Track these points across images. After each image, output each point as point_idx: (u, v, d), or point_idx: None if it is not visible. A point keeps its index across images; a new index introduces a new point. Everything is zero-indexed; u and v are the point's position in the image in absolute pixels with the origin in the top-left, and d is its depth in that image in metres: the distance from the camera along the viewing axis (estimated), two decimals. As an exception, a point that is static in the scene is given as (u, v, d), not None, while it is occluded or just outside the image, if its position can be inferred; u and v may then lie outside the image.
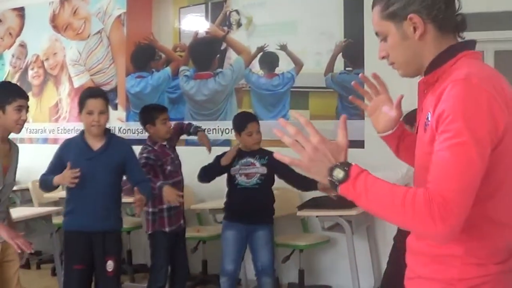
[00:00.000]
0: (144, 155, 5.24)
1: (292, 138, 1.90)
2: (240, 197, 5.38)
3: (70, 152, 4.51)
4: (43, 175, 4.56)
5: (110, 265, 4.55)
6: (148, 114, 5.45)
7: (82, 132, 4.61)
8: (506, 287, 1.97)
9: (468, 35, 2.10)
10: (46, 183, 4.52)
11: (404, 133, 2.47)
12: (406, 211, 1.76)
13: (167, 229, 5.26)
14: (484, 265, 1.92)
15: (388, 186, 1.83)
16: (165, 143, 5.44)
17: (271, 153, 5.26)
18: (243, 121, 5.44)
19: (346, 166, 1.86)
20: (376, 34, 2.15)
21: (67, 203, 4.64)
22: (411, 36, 2.02)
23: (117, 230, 4.77)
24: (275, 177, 5.50)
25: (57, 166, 4.50)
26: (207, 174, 5.45)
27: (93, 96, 4.51)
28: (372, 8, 2.16)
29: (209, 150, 5.45)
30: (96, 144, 4.55)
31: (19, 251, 3.89)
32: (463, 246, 1.91)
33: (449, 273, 1.94)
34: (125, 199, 6.43)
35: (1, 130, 4.00)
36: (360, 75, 2.27)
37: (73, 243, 4.51)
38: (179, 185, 5.33)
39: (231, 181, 5.42)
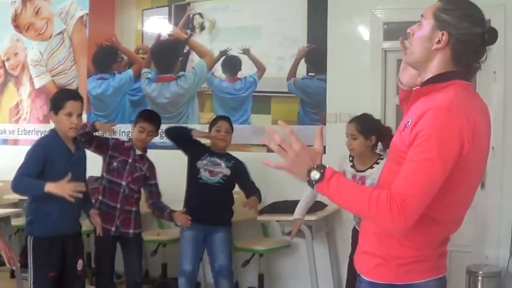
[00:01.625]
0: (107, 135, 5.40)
1: (277, 145, 2.28)
2: (200, 193, 5.40)
3: (53, 153, 4.41)
4: (25, 175, 4.34)
5: (80, 264, 4.56)
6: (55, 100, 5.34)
7: (56, 133, 4.50)
8: (436, 265, 2.41)
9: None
10: (32, 186, 4.32)
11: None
12: (371, 207, 2.15)
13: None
14: (419, 250, 2.34)
15: (357, 186, 2.33)
16: (140, 152, 5.47)
17: (238, 160, 5.60)
18: (216, 119, 5.65)
19: (321, 168, 2.24)
20: (421, 15, 2.45)
21: (36, 209, 4.46)
22: (432, 43, 2.36)
23: (80, 229, 4.79)
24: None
25: (40, 167, 4.35)
26: (175, 131, 5.71)
27: (73, 98, 4.46)
28: None
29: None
30: (72, 147, 4.52)
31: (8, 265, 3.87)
32: (409, 230, 2.24)
33: (387, 250, 2.36)
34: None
35: None
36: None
37: (47, 251, 4.38)
38: (118, 187, 5.30)
39: (194, 175, 5.45)
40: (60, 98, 4.49)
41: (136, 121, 5.48)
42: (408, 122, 2.31)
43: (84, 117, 7.74)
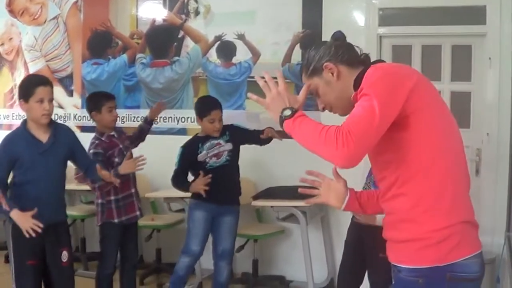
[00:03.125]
0: (91, 151, 5.05)
1: (263, 81, 2.58)
2: (212, 177, 5.30)
3: (19, 148, 4.30)
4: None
5: (64, 255, 4.48)
6: (95, 101, 5.33)
7: (24, 124, 4.39)
8: (471, 239, 2.48)
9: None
10: (4, 203, 4.23)
11: (357, 194, 2.97)
12: (320, 138, 2.32)
13: (116, 220, 5.16)
14: (448, 218, 2.42)
15: (316, 123, 2.40)
16: (112, 133, 5.28)
17: (229, 126, 5.48)
18: (207, 108, 5.41)
19: (295, 110, 2.46)
20: (311, 93, 2.71)
21: (15, 197, 4.34)
22: (332, 80, 2.62)
23: (65, 220, 4.71)
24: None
25: (6, 167, 4.30)
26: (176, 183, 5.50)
27: (43, 83, 4.31)
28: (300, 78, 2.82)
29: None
30: (43, 136, 4.37)
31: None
32: (421, 201, 2.44)
33: (426, 228, 2.42)
34: (80, 187, 6.41)
35: None
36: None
37: (24, 239, 4.21)
38: (127, 176, 5.21)
39: (199, 167, 5.38)
40: (29, 85, 4.33)
41: (103, 103, 5.24)
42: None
43: (79, 102, 7.76)
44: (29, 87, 4.29)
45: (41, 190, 4.32)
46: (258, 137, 5.54)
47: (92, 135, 5.25)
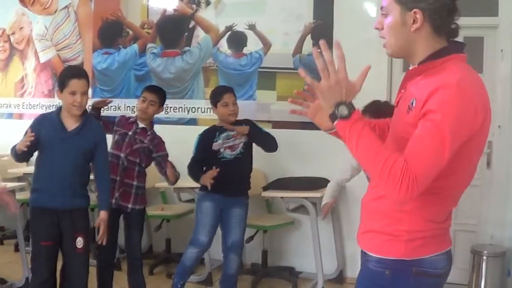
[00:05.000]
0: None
1: (324, 65, 2.27)
2: (224, 169, 5.31)
3: (43, 129, 4.45)
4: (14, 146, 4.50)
5: (79, 241, 4.51)
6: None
7: (59, 110, 4.54)
8: (443, 240, 2.43)
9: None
10: (14, 151, 4.50)
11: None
12: (383, 170, 2.12)
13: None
14: (425, 225, 2.35)
15: (378, 143, 2.19)
16: (140, 124, 5.37)
17: (246, 121, 5.46)
18: (219, 93, 5.45)
19: (352, 107, 2.21)
20: (381, 8, 2.40)
21: (34, 180, 4.60)
22: (409, 26, 2.30)
23: (84, 207, 4.70)
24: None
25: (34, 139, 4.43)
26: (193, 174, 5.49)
27: (76, 76, 4.42)
28: None
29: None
30: (71, 125, 4.49)
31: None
32: (416, 205, 2.30)
33: (396, 227, 2.36)
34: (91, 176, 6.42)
35: None
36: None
37: (39, 220, 4.47)
38: (116, 159, 5.20)
39: (213, 156, 5.38)
40: (64, 76, 4.47)
41: (140, 94, 5.45)
42: (412, 103, 2.26)
43: (90, 92, 7.75)
44: (64, 79, 4.43)
45: (55, 173, 4.44)
46: (266, 144, 5.51)
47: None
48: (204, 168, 5.43)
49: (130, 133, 5.27)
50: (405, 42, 2.34)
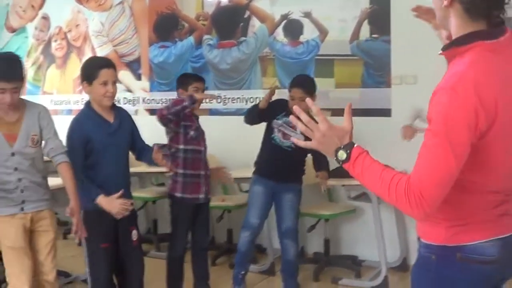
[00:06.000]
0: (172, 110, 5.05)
1: (304, 126, 2.30)
2: (272, 154, 5.32)
3: (89, 129, 4.25)
4: (78, 162, 4.21)
5: (134, 234, 4.50)
6: (184, 79, 5.39)
7: (89, 106, 4.36)
8: (491, 226, 2.28)
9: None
10: (87, 191, 4.22)
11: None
12: (390, 194, 2.13)
13: (178, 194, 5.16)
14: (470, 210, 2.26)
15: (379, 169, 2.19)
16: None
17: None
18: (290, 85, 5.39)
19: (348, 148, 2.23)
20: None
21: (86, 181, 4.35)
22: (443, 1, 2.19)
23: (132, 199, 4.64)
24: None
25: (81, 152, 4.23)
26: (248, 116, 5.47)
27: (106, 66, 4.28)
28: None
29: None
30: (109, 117, 4.36)
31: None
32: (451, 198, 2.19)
33: (436, 213, 2.21)
34: (151, 169, 6.46)
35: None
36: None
37: (98, 223, 4.28)
38: (199, 154, 5.23)
39: (268, 133, 5.38)
40: (93, 67, 4.30)
41: (187, 84, 5.37)
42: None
43: (147, 85, 7.82)
44: (93, 69, 4.27)
45: (111, 170, 4.32)
46: (315, 161, 5.50)
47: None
48: (261, 143, 5.48)
49: (198, 125, 5.28)
50: (441, 16, 2.27)
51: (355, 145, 2.24)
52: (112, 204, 4.19)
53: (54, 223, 4.32)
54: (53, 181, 4.71)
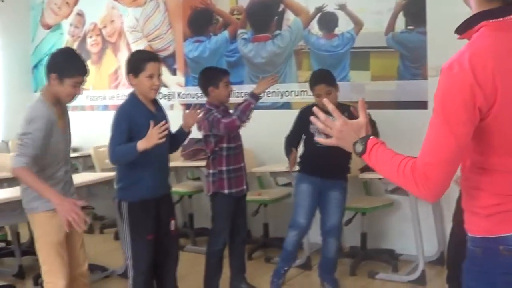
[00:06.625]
0: (215, 113, 5.05)
1: (322, 123, 2.40)
2: (314, 153, 5.28)
3: (136, 117, 4.32)
4: (118, 145, 4.26)
5: (173, 224, 4.57)
6: (212, 76, 5.32)
7: (134, 95, 4.42)
8: None
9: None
10: (126, 152, 4.24)
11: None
12: (399, 177, 2.18)
13: (226, 191, 5.19)
14: (504, 196, 2.20)
15: (390, 156, 2.23)
16: (223, 107, 5.29)
17: (349, 110, 4.94)
18: (311, 84, 5.37)
19: (364, 141, 2.30)
20: None
21: (128, 174, 4.41)
22: None
23: (170, 190, 4.76)
24: None
25: (127, 135, 4.28)
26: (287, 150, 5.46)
27: (152, 59, 4.37)
28: None
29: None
30: (152, 108, 4.44)
31: (67, 230, 3.86)
32: (484, 180, 2.21)
33: (473, 202, 2.25)
34: (187, 163, 6.48)
35: (55, 97, 4.00)
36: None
37: (142, 215, 4.37)
38: (239, 148, 5.25)
39: (308, 138, 5.35)
40: (139, 60, 4.38)
41: (218, 79, 5.30)
42: None
43: (182, 80, 7.84)
44: (140, 63, 4.34)
45: (155, 160, 4.37)
46: None
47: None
48: (303, 143, 5.45)
49: None
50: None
51: (370, 137, 2.31)
52: (150, 137, 4.15)
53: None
54: (90, 177, 4.78)
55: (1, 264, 6.69)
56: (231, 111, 5.24)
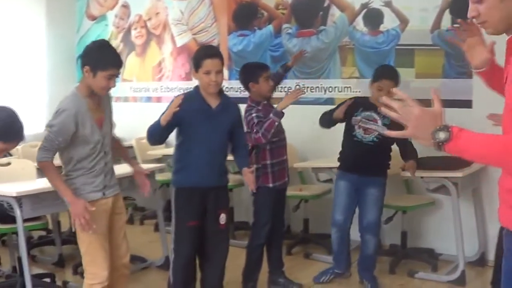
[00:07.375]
0: (254, 114, 5.08)
1: (397, 113, 2.21)
2: (354, 150, 5.32)
3: (189, 107, 4.39)
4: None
5: (223, 218, 4.60)
6: (251, 72, 5.35)
7: (198, 88, 4.55)
8: None
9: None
10: (154, 128, 4.40)
11: (494, 67, 2.80)
12: (509, 153, 2.11)
13: (270, 185, 5.21)
14: None
15: (487, 136, 2.15)
16: (265, 102, 5.32)
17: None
18: (378, 76, 5.33)
19: (446, 128, 2.16)
20: None
21: (178, 160, 4.57)
22: (506, 1, 2.27)
23: (227, 184, 4.78)
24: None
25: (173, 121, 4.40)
26: (323, 122, 5.48)
27: (209, 56, 4.43)
28: None
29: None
30: (213, 102, 4.51)
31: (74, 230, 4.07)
32: None
33: None
34: (228, 157, 6.49)
35: (89, 89, 4.04)
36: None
37: (187, 200, 4.51)
38: (282, 142, 5.26)
39: (349, 130, 5.37)
40: (198, 57, 4.49)
41: (258, 75, 5.28)
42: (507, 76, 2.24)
43: (226, 73, 7.84)
44: (198, 59, 4.45)
45: (202, 152, 4.44)
46: (402, 152, 5.53)
47: (240, 106, 5.25)
48: (342, 141, 5.48)
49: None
50: (506, 15, 2.31)
51: (451, 125, 2.19)
52: (170, 110, 4.31)
53: (124, 205, 4.52)
54: (126, 169, 4.82)
55: (41, 252, 6.78)
56: (274, 105, 5.23)
